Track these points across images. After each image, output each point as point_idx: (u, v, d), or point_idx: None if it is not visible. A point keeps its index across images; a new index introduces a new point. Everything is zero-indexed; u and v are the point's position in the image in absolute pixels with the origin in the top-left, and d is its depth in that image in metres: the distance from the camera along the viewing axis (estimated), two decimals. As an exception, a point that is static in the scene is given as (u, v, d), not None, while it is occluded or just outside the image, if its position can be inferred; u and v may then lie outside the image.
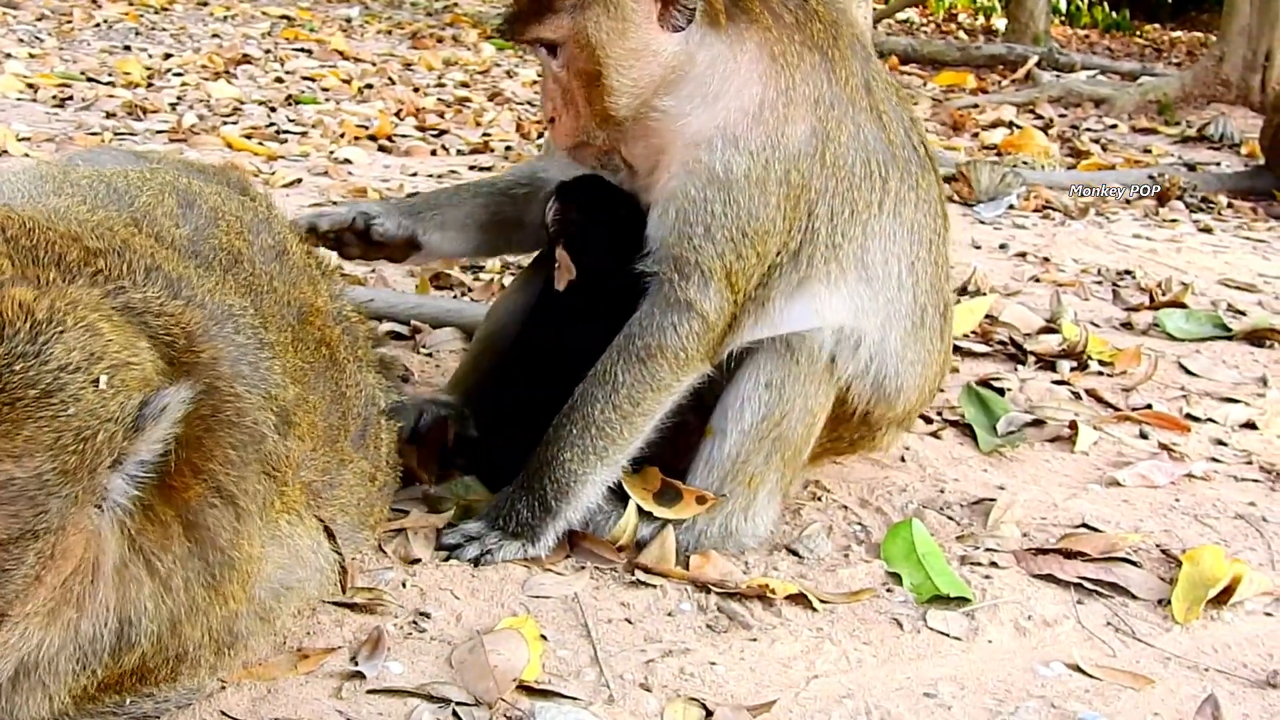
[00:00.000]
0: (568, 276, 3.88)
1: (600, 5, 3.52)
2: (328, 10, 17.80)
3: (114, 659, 2.53)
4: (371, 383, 3.56)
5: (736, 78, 3.57)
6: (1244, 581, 3.69)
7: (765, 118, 3.56)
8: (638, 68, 3.56)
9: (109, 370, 2.36)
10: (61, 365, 2.30)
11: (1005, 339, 5.85)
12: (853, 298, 3.74)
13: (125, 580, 2.49)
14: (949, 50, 17.74)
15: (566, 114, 3.69)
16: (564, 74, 3.64)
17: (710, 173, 3.54)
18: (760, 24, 3.60)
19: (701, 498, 3.74)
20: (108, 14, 14.46)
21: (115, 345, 2.41)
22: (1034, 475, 4.52)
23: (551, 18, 3.56)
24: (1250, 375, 5.73)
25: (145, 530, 2.49)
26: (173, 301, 2.72)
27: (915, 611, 3.56)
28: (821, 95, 3.63)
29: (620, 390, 3.59)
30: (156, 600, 2.53)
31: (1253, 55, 13.60)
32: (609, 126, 3.66)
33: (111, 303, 2.56)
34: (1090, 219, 8.80)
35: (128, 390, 2.37)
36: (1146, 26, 27.27)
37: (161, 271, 2.79)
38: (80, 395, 2.30)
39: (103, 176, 3.26)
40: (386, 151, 9.27)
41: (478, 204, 4.18)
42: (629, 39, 3.54)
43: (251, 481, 2.68)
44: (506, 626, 3.25)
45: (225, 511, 2.62)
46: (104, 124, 9.00)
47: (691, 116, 3.58)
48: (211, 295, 2.86)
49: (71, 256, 2.63)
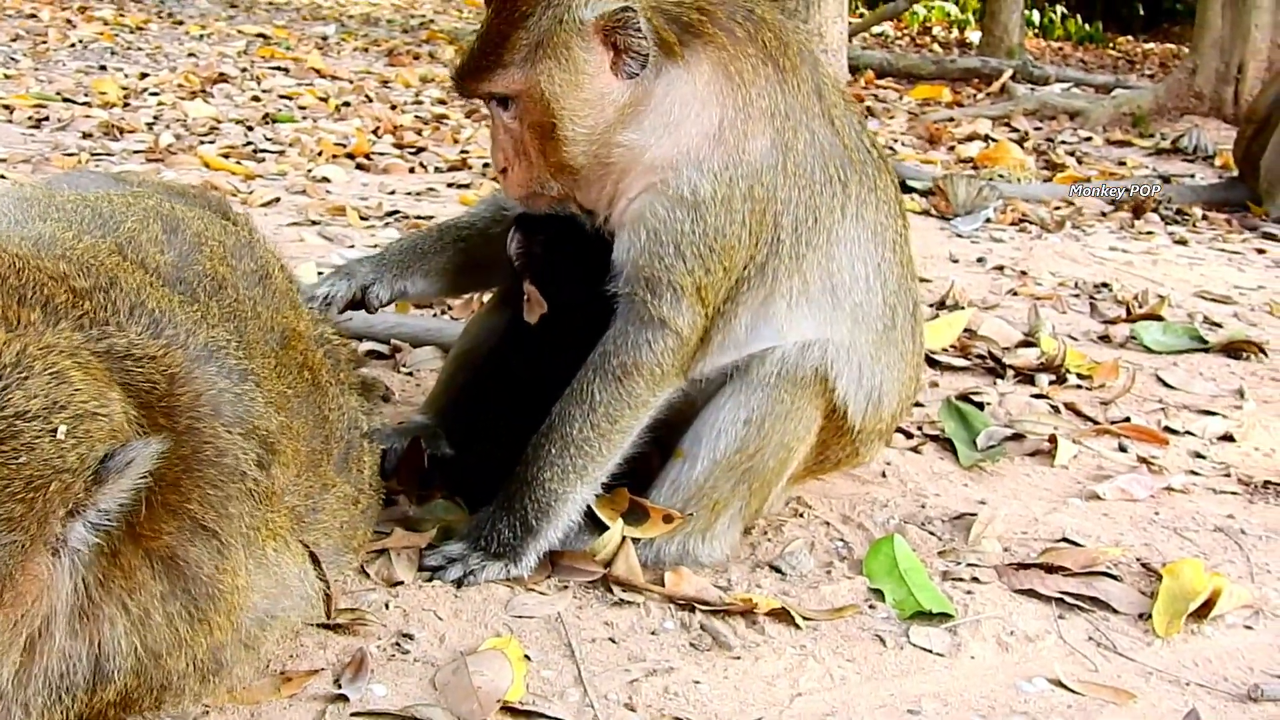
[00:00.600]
0: (539, 310, 3.88)
1: (552, 58, 3.49)
2: (304, 28, 17.80)
3: (89, 694, 2.52)
4: (354, 406, 3.56)
5: (695, 102, 3.56)
6: (1224, 595, 3.71)
7: (726, 138, 3.57)
8: (592, 116, 3.55)
9: (71, 420, 2.33)
10: (19, 412, 2.27)
11: (984, 353, 5.88)
12: (821, 307, 3.76)
13: (98, 620, 2.49)
14: (924, 64, 17.80)
15: (519, 165, 3.66)
16: (516, 126, 3.62)
17: (677, 195, 3.54)
18: (715, 43, 3.59)
19: (669, 517, 3.74)
20: (83, 34, 14.43)
21: (83, 395, 2.38)
22: (1014, 489, 4.54)
23: (502, 72, 3.53)
24: (1227, 387, 5.76)
25: (113, 574, 2.48)
26: (155, 343, 2.71)
27: (898, 628, 3.57)
28: (777, 106, 3.64)
29: (598, 409, 3.59)
30: (133, 637, 2.53)
31: (1225, 68, 13.69)
32: (564, 176, 3.64)
33: (92, 347, 2.55)
34: (1067, 232, 8.84)
35: (90, 441, 2.35)
36: (1119, 39, 27.46)
37: (145, 309, 2.78)
38: (35, 444, 2.27)
39: (87, 201, 3.26)
40: (365, 170, 9.26)
41: (459, 249, 4.13)
42: (583, 90, 3.53)
43: (234, 515, 2.68)
44: (490, 647, 3.25)
45: (206, 547, 2.62)
46: (80, 144, 8.97)
47: (654, 145, 3.57)
48: (194, 333, 2.84)
49: (59, 299, 2.61)
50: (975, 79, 17.01)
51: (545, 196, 3.71)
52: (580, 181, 3.66)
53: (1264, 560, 4.11)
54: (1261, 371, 6.02)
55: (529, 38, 3.49)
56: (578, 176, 3.63)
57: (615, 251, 3.65)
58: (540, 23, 3.48)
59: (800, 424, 3.76)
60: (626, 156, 3.59)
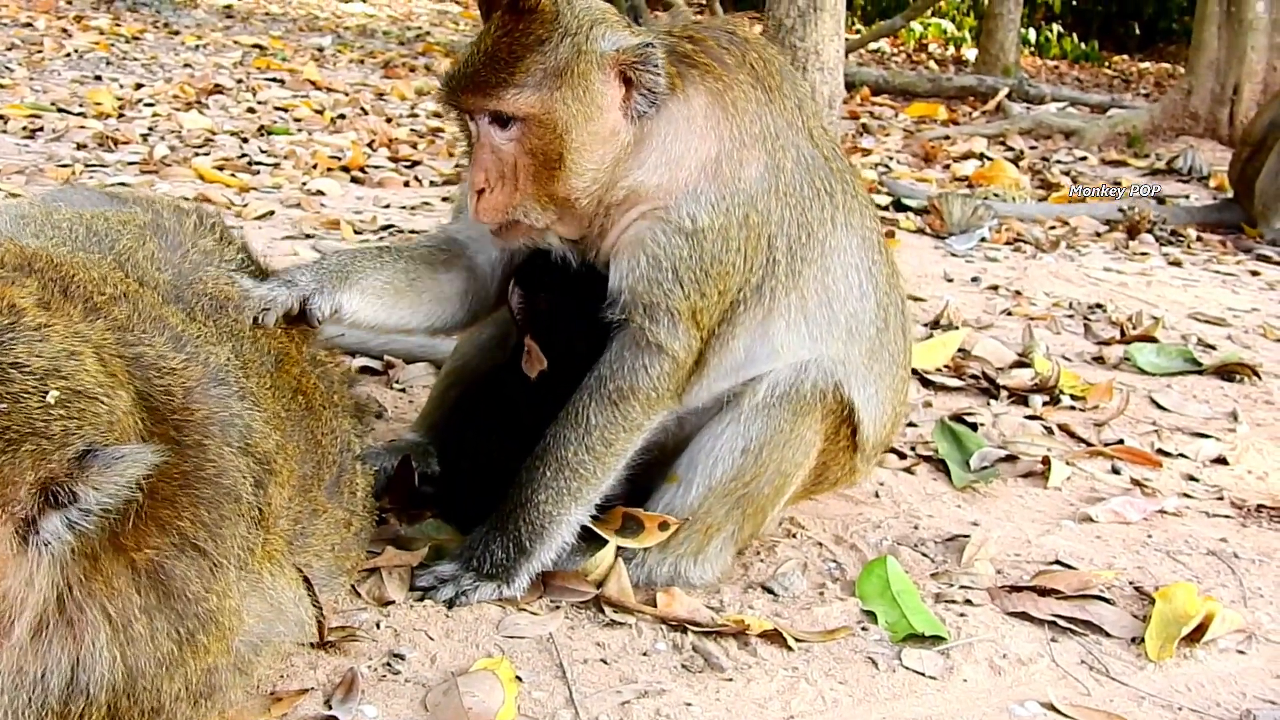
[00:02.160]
0: (539, 366, 3.84)
1: (569, 87, 3.43)
2: (300, 39, 17.82)
3: (63, 705, 2.49)
4: (347, 428, 3.54)
5: (694, 137, 3.56)
6: (1217, 619, 3.70)
7: (723, 170, 3.57)
8: (599, 153, 3.51)
9: (68, 394, 2.34)
10: (16, 363, 2.30)
11: (978, 373, 5.88)
12: (818, 322, 3.78)
13: (79, 626, 2.47)
14: (920, 82, 17.84)
15: (500, 189, 3.55)
16: (509, 149, 3.51)
17: (677, 225, 3.54)
18: (710, 73, 3.60)
19: (664, 524, 3.74)
20: (78, 43, 14.43)
21: (90, 378, 2.40)
22: (1007, 511, 4.54)
23: (515, 92, 3.44)
24: (1220, 410, 5.76)
25: (93, 579, 2.47)
26: (178, 357, 2.73)
27: (890, 650, 3.56)
28: (767, 129, 3.64)
29: (593, 432, 3.59)
30: (115, 649, 2.51)
31: (1221, 89, 13.72)
32: (556, 207, 3.57)
33: (122, 351, 2.57)
34: (1061, 252, 8.86)
35: (82, 421, 2.34)
36: (1115, 58, 27.53)
37: (167, 324, 2.81)
38: (21, 398, 2.28)
39: (82, 218, 3.25)
40: (359, 183, 9.26)
41: (399, 269, 3.81)
42: (595, 123, 3.48)
43: (228, 536, 2.66)
44: (481, 668, 3.23)
45: (194, 565, 2.60)
46: (75, 155, 8.96)
47: (655, 180, 3.56)
48: (208, 352, 2.86)
49: (99, 300, 2.67)
50: (971, 97, 17.06)
51: (520, 226, 3.61)
52: (569, 214, 3.61)
53: (1257, 584, 4.10)
54: (1255, 394, 6.02)
55: (545, 62, 3.43)
56: (572, 209, 3.58)
57: (611, 278, 3.63)
58: (559, 49, 3.43)
59: (799, 450, 3.76)
60: (625, 193, 3.57)
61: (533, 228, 3.61)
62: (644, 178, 3.55)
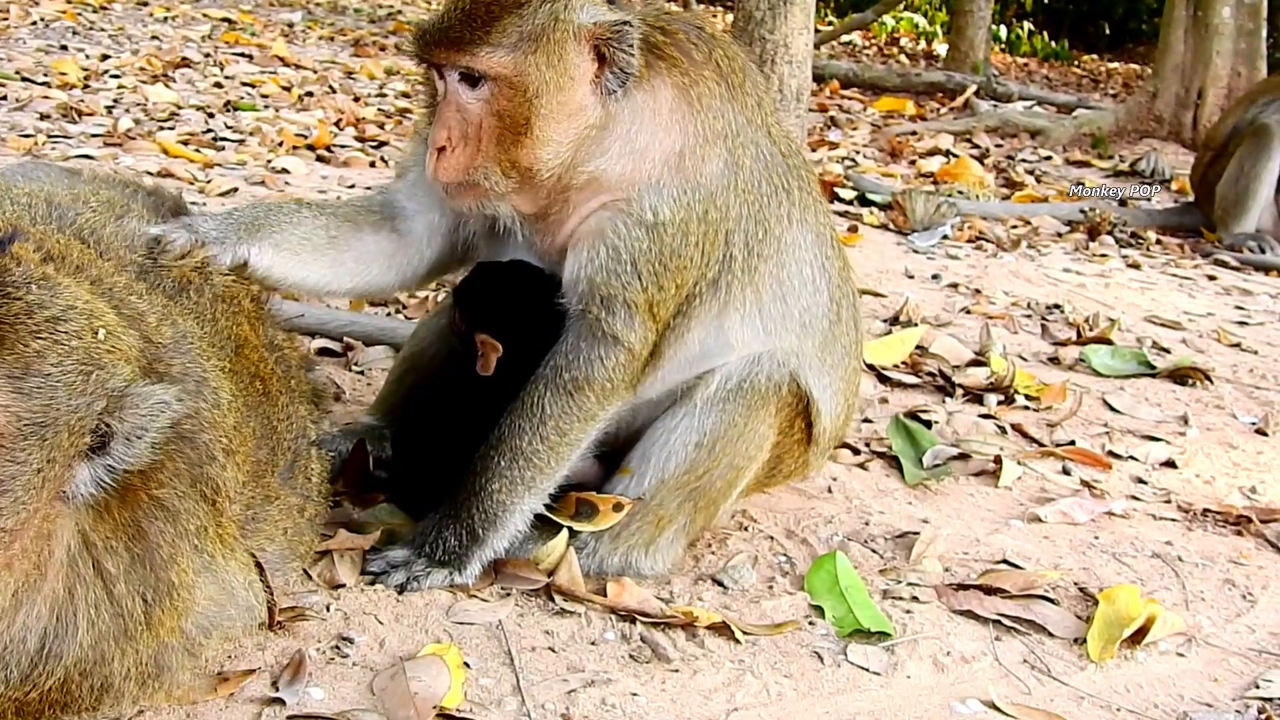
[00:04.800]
0: (496, 355, 3.81)
1: (544, 53, 3.44)
2: (270, 14, 17.69)
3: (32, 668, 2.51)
4: (303, 415, 3.55)
5: (659, 130, 3.58)
6: (1158, 622, 3.76)
7: (685, 165, 3.59)
8: (565, 125, 3.51)
9: (107, 330, 2.50)
10: (70, 304, 2.45)
11: (935, 370, 5.92)
12: (773, 316, 3.82)
13: (71, 578, 2.51)
14: (889, 76, 17.88)
15: (463, 149, 3.52)
16: (476, 108, 3.50)
17: (638, 217, 3.55)
18: (678, 67, 3.62)
19: (618, 505, 3.77)
20: (45, 11, 14.26)
21: (113, 319, 2.55)
22: (957, 509, 4.58)
23: (489, 51, 3.44)
24: (1172, 414, 5.83)
25: (98, 528, 2.52)
26: (152, 316, 2.82)
27: (836, 645, 3.59)
28: (729, 126, 3.67)
29: (548, 422, 3.61)
30: (98, 608, 2.53)
31: (1185, 93, 13.83)
32: (517, 175, 3.55)
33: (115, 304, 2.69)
34: (1022, 251, 8.92)
35: (119, 355, 2.48)
36: (1084, 56, 27.66)
37: (134, 290, 2.89)
38: (83, 333, 2.43)
39: (42, 193, 3.24)
40: (325, 162, 9.22)
41: (318, 225, 3.76)
42: (565, 93, 3.49)
43: (192, 502, 2.69)
44: (429, 653, 3.25)
45: (167, 526, 2.64)
46: (38, 126, 8.88)
47: (616, 168, 3.57)
48: (175, 319, 2.92)
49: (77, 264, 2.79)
50: (939, 93, 17.10)
51: (478, 189, 3.58)
52: (528, 186, 3.60)
53: (1199, 588, 4.16)
54: (1206, 398, 6.09)
55: (522, 25, 3.43)
56: (532, 180, 3.57)
57: (568, 268, 3.65)
58: (536, 14, 3.44)
59: (752, 444, 3.80)
60: (587, 179, 3.59)
61: (490, 191, 3.58)
62: (606, 166, 3.57)
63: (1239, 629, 3.94)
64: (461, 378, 3.93)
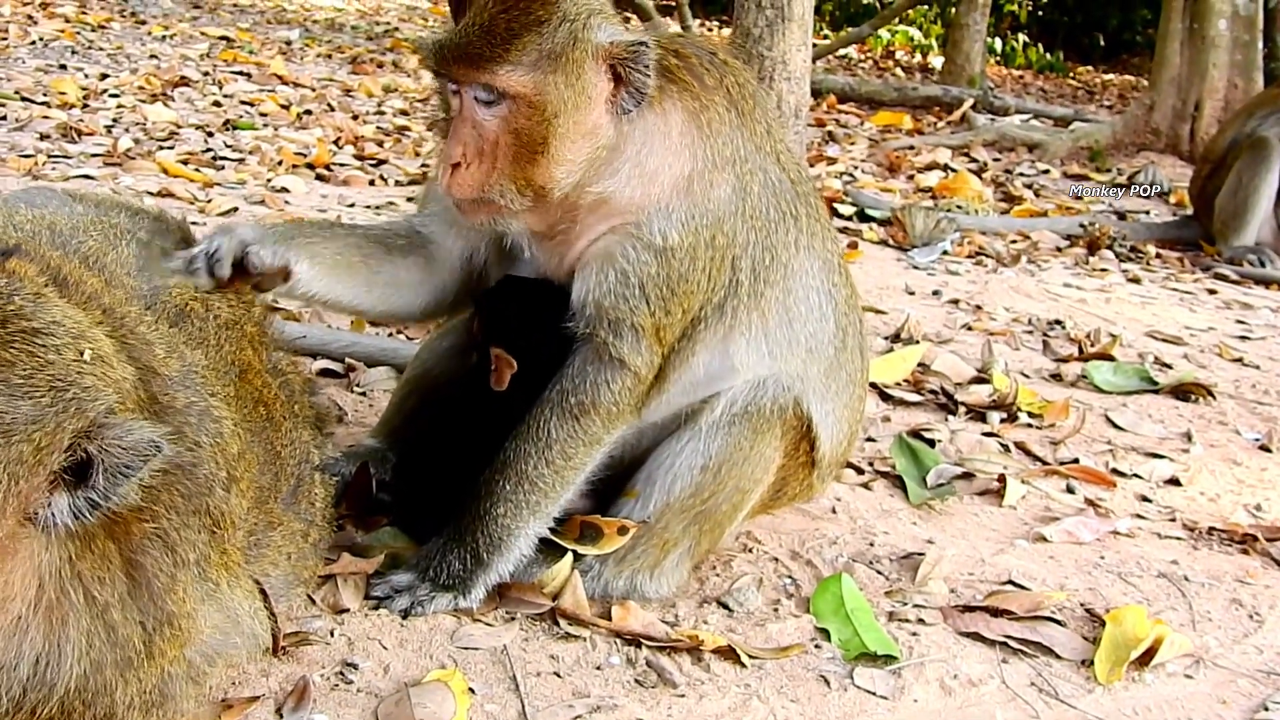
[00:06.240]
0: (510, 371, 3.80)
1: (563, 73, 3.42)
2: (268, 32, 17.73)
3: (20, 696, 2.49)
4: (307, 439, 3.54)
5: (669, 154, 3.58)
6: (1165, 643, 3.75)
7: (694, 190, 3.59)
8: (579, 145, 3.50)
9: (94, 354, 2.46)
10: (55, 320, 2.42)
11: (937, 388, 5.91)
12: (778, 341, 3.82)
13: (63, 606, 2.48)
14: (886, 90, 17.91)
15: (478, 165, 3.50)
16: (493, 125, 3.48)
17: (647, 241, 3.55)
18: (689, 91, 3.62)
19: (623, 528, 3.76)
20: (44, 31, 14.30)
21: (107, 346, 2.51)
22: (962, 529, 4.57)
23: (510, 69, 3.40)
24: (1175, 430, 5.82)
25: (84, 556, 2.48)
26: (159, 348, 2.81)
27: (843, 669, 3.58)
28: (738, 152, 3.67)
29: (554, 446, 3.60)
30: (89, 637, 2.51)
31: (1182, 105, 13.83)
32: (530, 193, 3.53)
33: (119, 332, 2.68)
34: (1022, 266, 8.92)
35: (105, 382, 2.44)
36: (1080, 68, 27.71)
37: (143, 320, 2.87)
38: (64, 350, 2.39)
39: (45, 219, 3.23)
40: (324, 180, 9.22)
41: (350, 243, 3.79)
42: (582, 112, 3.47)
43: (192, 532, 2.67)
44: (434, 679, 3.23)
45: (164, 557, 2.62)
46: (38, 146, 8.87)
47: (627, 191, 3.57)
48: (182, 350, 2.92)
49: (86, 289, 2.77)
50: (936, 107, 17.14)
51: (491, 206, 3.56)
52: (540, 204, 3.58)
53: (1206, 608, 4.15)
54: (1209, 414, 6.08)
55: (542, 44, 3.40)
56: (545, 200, 3.56)
57: (576, 291, 3.64)
58: (556, 33, 3.41)
59: (758, 467, 3.80)
60: (595, 199, 3.58)
61: (504, 208, 3.56)
62: (616, 188, 3.56)
63: (1247, 649, 3.92)
64: (466, 398, 3.92)
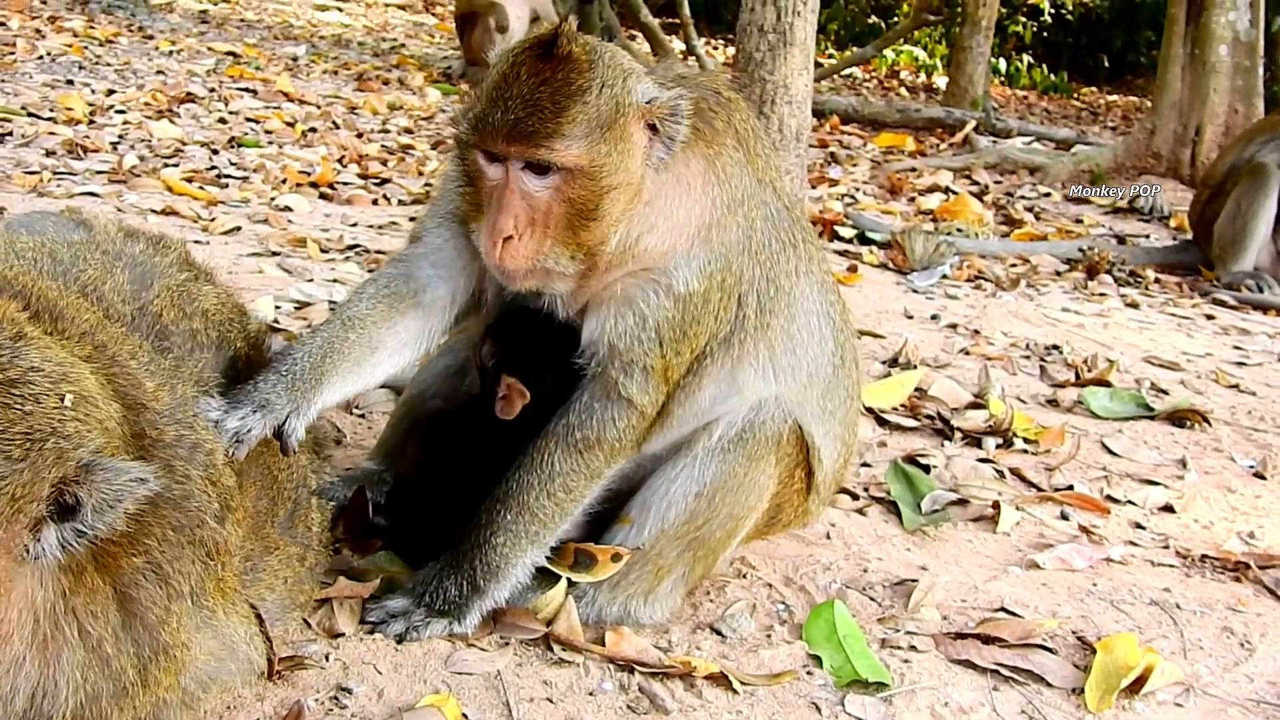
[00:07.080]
0: (522, 402, 3.82)
1: (612, 140, 3.41)
2: (274, 48, 17.79)
3: None
4: (304, 463, 3.57)
5: (693, 203, 3.61)
6: (1156, 671, 3.76)
7: (711, 237, 3.63)
8: (623, 202, 3.49)
9: (77, 396, 2.44)
10: (33, 367, 2.40)
11: (933, 413, 5.94)
12: (783, 368, 3.86)
13: (57, 641, 2.50)
14: (889, 112, 17.96)
15: (529, 236, 3.45)
16: (545, 196, 3.43)
17: (668, 287, 3.59)
18: (703, 138, 3.64)
19: (616, 555, 3.79)
20: (52, 45, 14.35)
21: (91, 385, 2.50)
22: (956, 556, 4.59)
23: (564, 142, 3.36)
24: (1170, 457, 5.84)
25: (77, 592, 2.50)
26: (151, 382, 2.81)
27: (834, 695, 3.60)
28: (745, 191, 3.71)
29: (556, 479, 3.63)
30: (84, 670, 2.53)
31: (1183, 129, 13.88)
32: (586, 256, 3.52)
33: (107, 369, 2.67)
34: (1021, 290, 8.95)
35: (89, 424, 2.44)
36: (1083, 89, 27.76)
37: (135, 353, 2.88)
38: (42, 399, 2.37)
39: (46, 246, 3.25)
40: (328, 199, 9.27)
41: (361, 343, 3.68)
42: (627, 173, 3.47)
43: (185, 564, 2.70)
44: (428, 704, 3.26)
45: (157, 589, 2.64)
46: (43, 162, 8.92)
47: (656, 243, 3.58)
48: (174, 381, 2.92)
49: (79, 323, 2.77)
50: (939, 129, 17.20)
51: (545, 273, 3.54)
52: (592, 265, 3.56)
53: (1197, 636, 4.17)
54: (1205, 441, 6.10)
55: (589, 113, 3.38)
56: (595, 259, 3.54)
57: (588, 328, 3.67)
58: (600, 100, 3.39)
59: (752, 494, 3.83)
60: (623, 250, 3.57)
61: (556, 273, 3.55)
62: (649, 240, 3.57)
63: (1237, 678, 3.94)
64: (465, 423, 3.95)
